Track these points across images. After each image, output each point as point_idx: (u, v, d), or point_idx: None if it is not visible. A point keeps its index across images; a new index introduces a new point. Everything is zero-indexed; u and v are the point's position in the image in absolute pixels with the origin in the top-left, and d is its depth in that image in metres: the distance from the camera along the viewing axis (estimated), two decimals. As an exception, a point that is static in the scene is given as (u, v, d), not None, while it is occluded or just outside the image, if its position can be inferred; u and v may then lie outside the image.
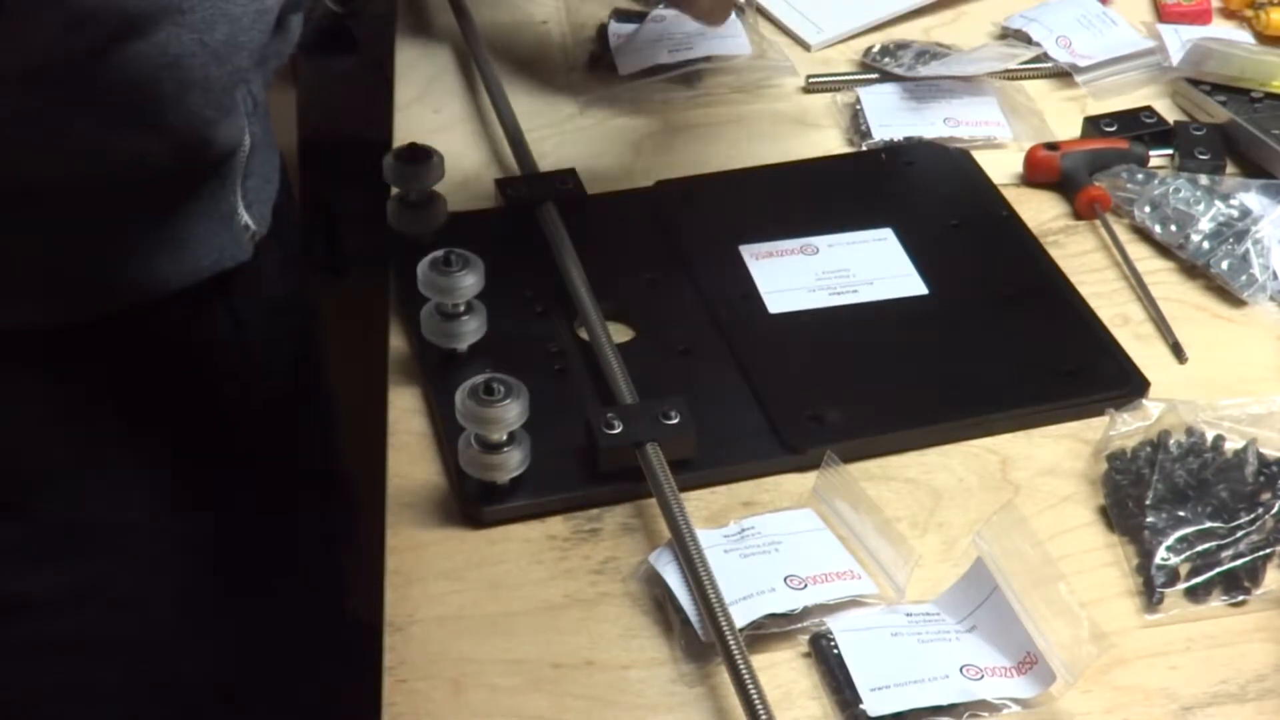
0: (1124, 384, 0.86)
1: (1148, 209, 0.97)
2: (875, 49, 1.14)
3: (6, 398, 0.84)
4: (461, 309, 0.85)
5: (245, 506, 0.97)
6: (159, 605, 0.93)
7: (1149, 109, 1.07)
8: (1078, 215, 1.00)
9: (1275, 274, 0.94)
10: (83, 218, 0.84)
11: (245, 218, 0.92)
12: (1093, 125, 1.05)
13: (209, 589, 0.95)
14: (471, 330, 0.85)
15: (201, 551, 0.94)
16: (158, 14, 0.77)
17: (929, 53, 1.13)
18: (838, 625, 0.72)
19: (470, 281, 0.83)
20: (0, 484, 0.86)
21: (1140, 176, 1.00)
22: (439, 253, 0.84)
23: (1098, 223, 0.99)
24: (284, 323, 1.03)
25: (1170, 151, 1.03)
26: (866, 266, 0.94)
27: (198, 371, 0.92)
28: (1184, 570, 0.76)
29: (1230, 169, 1.02)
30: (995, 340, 0.90)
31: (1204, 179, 0.99)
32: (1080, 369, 0.88)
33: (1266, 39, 1.16)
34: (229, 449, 0.95)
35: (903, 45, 1.14)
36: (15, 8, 0.74)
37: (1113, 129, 1.04)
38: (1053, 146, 1.03)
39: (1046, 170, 1.02)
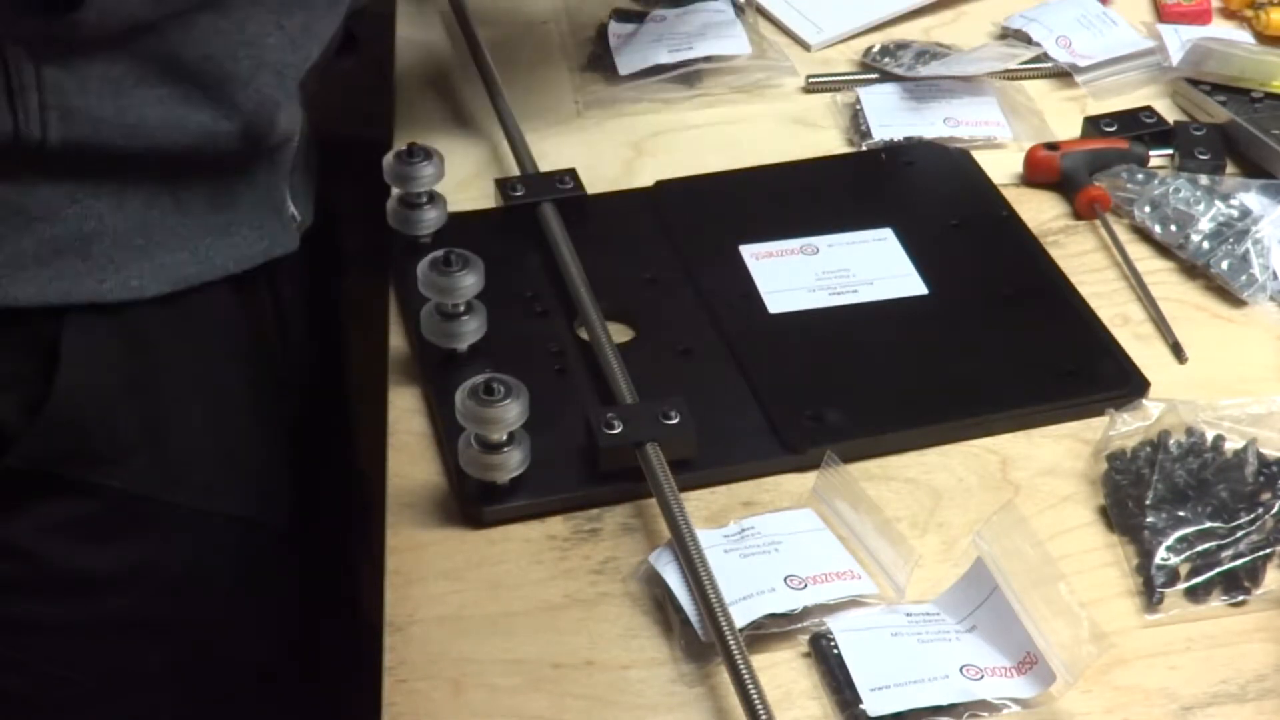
0: (1124, 384, 0.86)
1: (1148, 209, 0.97)
2: (875, 49, 1.15)
3: (80, 369, 0.85)
4: (461, 309, 0.85)
5: (288, 497, 0.97)
6: (211, 588, 0.93)
7: (1149, 109, 1.07)
8: (1078, 215, 1.00)
9: (1275, 274, 0.94)
10: (149, 193, 0.85)
11: (292, 208, 0.93)
12: (1093, 125, 1.05)
13: (253, 576, 0.96)
14: (471, 330, 0.85)
15: (246, 534, 0.94)
16: None
17: (929, 53, 1.13)
18: (838, 625, 0.72)
19: (470, 281, 0.83)
20: (71, 459, 0.86)
21: (1140, 176, 1.00)
22: (439, 253, 0.84)
23: (1098, 223, 0.99)
24: (318, 314, 1.04)
25: (1170, 151, 1.03)
26: (866, 266, 0.94)
27: (244, 356, 0.93)
28: (1184, 570, 0.76)
29: (1230, 169, 1.02)
30: (995, 340, 0.90)
31: (1204, 179, 0.99)
32: (1080, 369, 0.88)
33: (1266, 39, 1.16)
34: (270, 435, 0.96)
35: (902, 45, 1.14)
36: None
37: (1113, 129, 1.04)
38: (1053, 146, 1.03)
39: (1046, 170, 1.02)
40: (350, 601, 1.11)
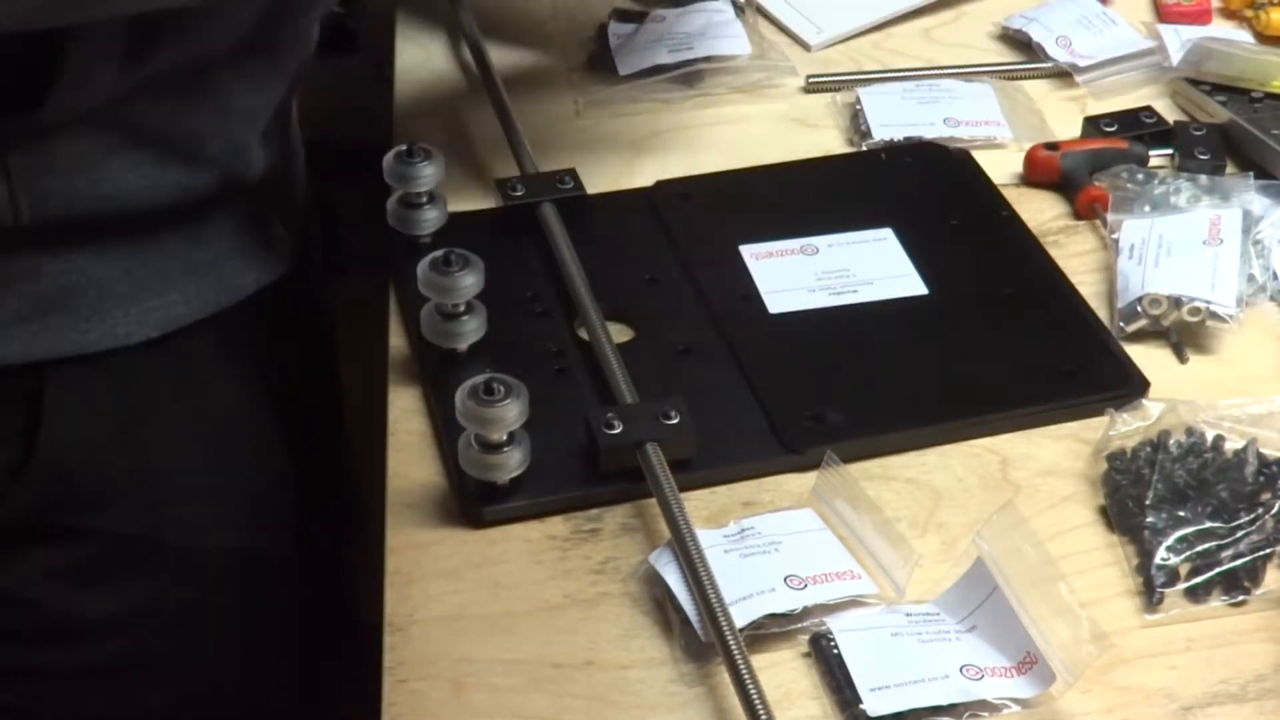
0: (1124, 384, 0.86)
1: (1148, 209, 0.97)
2: None
3: (65, 419, 0.84)
4: (461, 309, 0.85)
5: (289, 520, 0.97)
6: (213, 623, 0.93)
7: (1149, 109, 1.07)
8: (1078, 215, 1.00)
9: (1275, 274, 0.94)
10: (131, 244, 0.85)
11: (280, 228, 0.93)
12: (1093, 125, 1.05)
13: (255, 607, 0.95)
14: (471, 330, 0.85)
15: (245, 564, 0.94)
16: None
17: None
18: (838, 625, 0.72)
19: (470, 281, 0.83)
20: (60, 506, 0.86)
21: (1140, 176, 1.00)
22: (439, 253, 0.83)
23: (1098, 222, 0.99)
24: (313, 326, 1.03)
25: (1170, 151, 1.03)
26: (866, 266, 0.94)
27: (237, 386, 0.92)
28: (1184, 570, 0.76)
29: (1230, 169, 1.02)
30: (995, 340, 0.90)
31: (1204, 179, 0.99)
32: (1080, 369, 0.88)
33: (1266, 39, 1.16)
34: (267, 459, 0.95)
35: None
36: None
37: (1113, 129, 1.04)
38: (1053, 146, 1.03)
39: (1046, 170, 1.02)
40: (351, 611, 1.11)
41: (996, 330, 0.91)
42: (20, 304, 0.82)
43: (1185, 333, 0.90)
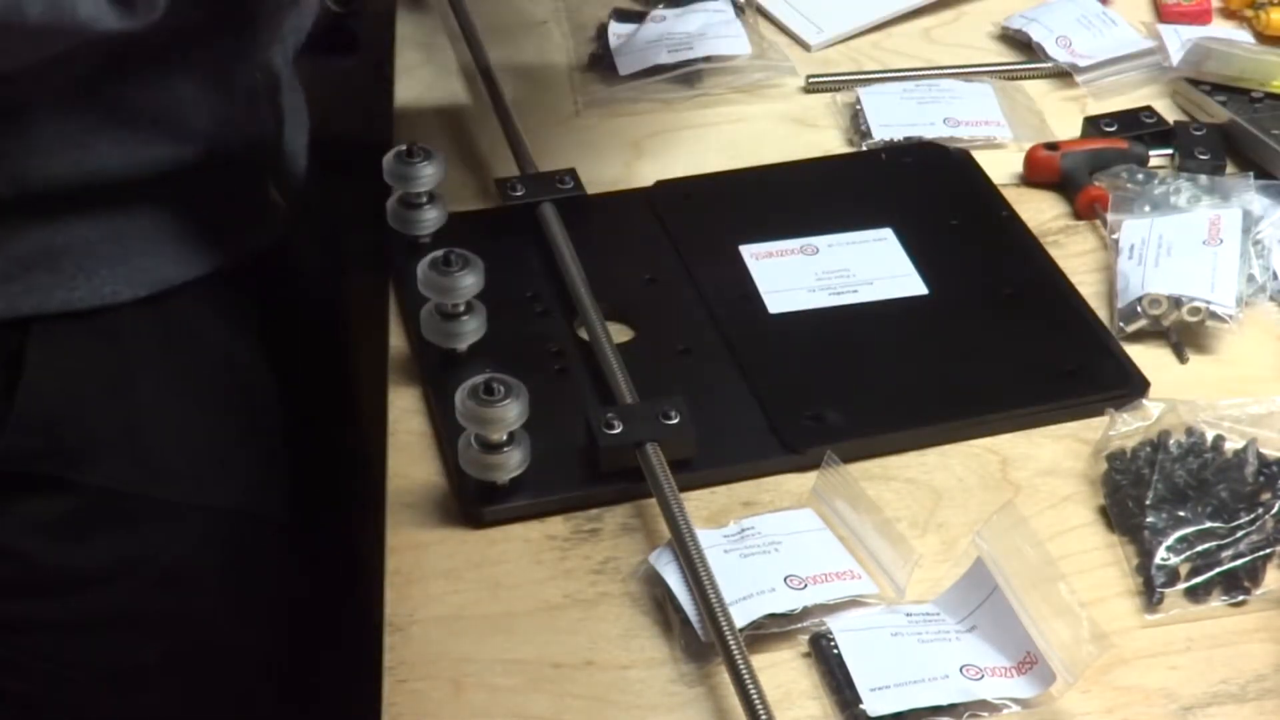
0: (1124, 384, 0.86)
1: (1147, 209, 0.97)
2: None
3: (48, 371, 0.84)
4: (461, 309, 0.85)
5: (282, 484, 0.97)
6: (204, 580, 0.93)
7: (1149, 109, 1.07)
8: (1078, 215, 1.00)
9: (1275, 274, 0.94)
10: (121, 206, 0.85)
11: (275, 195, 0.93)
12: (1093, 125, 1.05)
13: (244, 568, 0.96)
14: (471, 330, 0.85)
15: (236, 526, 0.94)
16: None
17: None
18: (838, 625, 0.72)
19: (470, 281, 0.83)
20: (44, 457, 0.86)
21: (1140, 176, 1.00)
22: (439, 253, 0.84)
23: (1098, 222, 0.99)
24: (314, 302, 1.03)
25: (1170, 151, 1.03)
26: (866, 266, 0.94)
27: (229, 350, 0.93)
28: (1184, 570, 0.76)
29: (1230, 169, 1.02)
30: (995, 340, 0.90)
31: (1204, 179, 0.99)
32: (1080, 369, 0.88)
33: (1266, 39, 1.16)
34: (262, 426, 0.95)
35: None
36: None
37: (1113, 129, 1.04)
38: (1053, 146, 1.03)
39: (1046, 170, 1.02)
40: (354, 592, 1.11)
41: (997, 330, 0.91)
42: (6, 265, 0.82)
43: (1185, 333, 0.90)
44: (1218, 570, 0.76)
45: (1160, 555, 0.76)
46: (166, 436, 0.90)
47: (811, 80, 1.12)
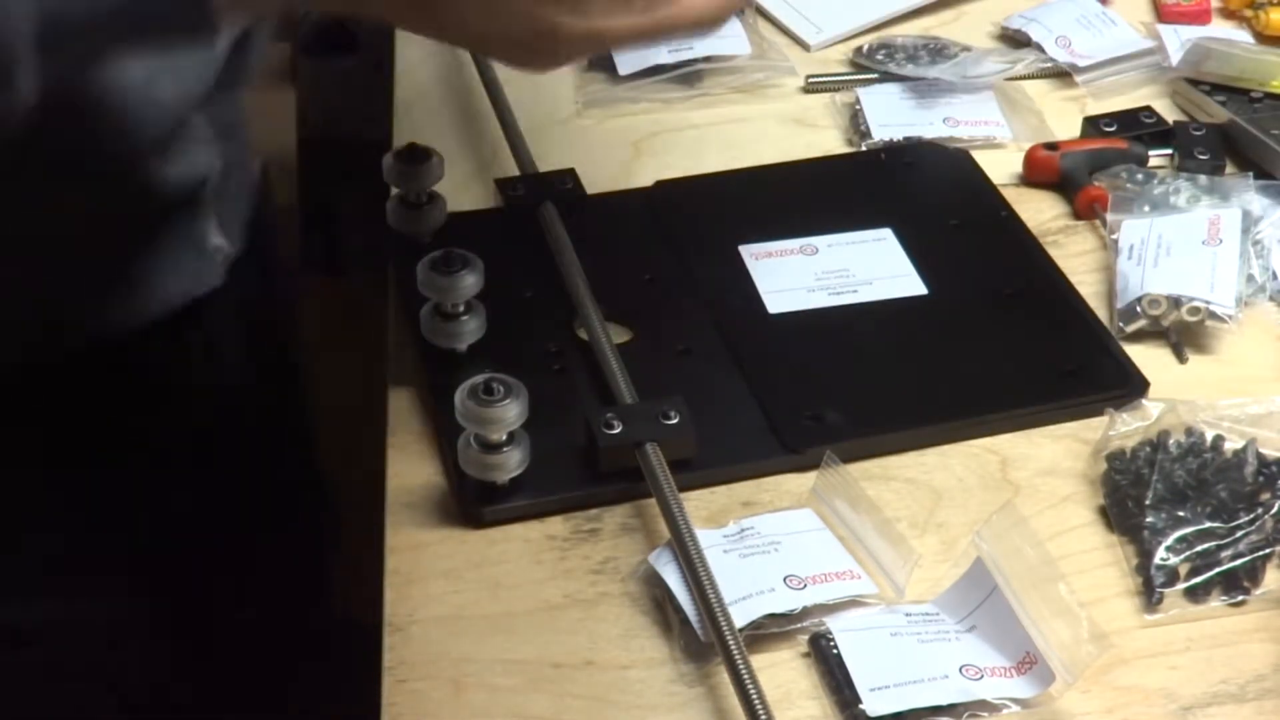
0: (1124, 384, 0.86)
1: (1147, 209, 0.97)
2: (865, 48, 1.15)
3: None
4: (461, 309, 0.85)
5: (228, 523, 0.96)
6: (146, 632, 0.93)
7: (1149, 109, 1.07)
8: (1077, 215, 1.00)
9: (1275, 274, 0.94)
10: (48, 256, 0.82)
11: (217, 239, 0.91)
12: (1092, 125, 1.05)
13: (196, 611, 0.95)
14: (471, 330, 0.85)
15: (188, 575, 0.94)
16: None
17: (928, 47, 1.13)
18: (837, 625, 0.72)
19: (470, 281, 0.83)
20: None
21: (1140, 176, 1.00)
22: (439, 253, 0.84)
23: (1097, 222, 0.99)
24: (259, 338, 1.02)
25: (1170, 151, 1.03)
26: (866, 266, 0.94)
27: (170, 399, 0.91)
28: (1184, 570, 0.76)
29: (1230, 169, 1.02)
30: (996, 340, 0.90)
31: (1203, 179, 0.99)
32: (1081, 369, 0.88)
33: (1266, 39, 1.15)
34: (208, 470, 0.95)
35: (887, 44, 1.15)
36: None
37: (1112, 129, 1.04)
38: (1052, 146, 1.03)
39: (1046, 170, 1.02)
40: (324, 604, 1.11)
41: (997, 330, 0.91)
42: None
43: (1185, 333, 0.90)
44: (1217, 570, 0.76)
45: (1160, 555, 0.76)
46: (101, 496, 0.88)
47: (811, 80, 1.12)
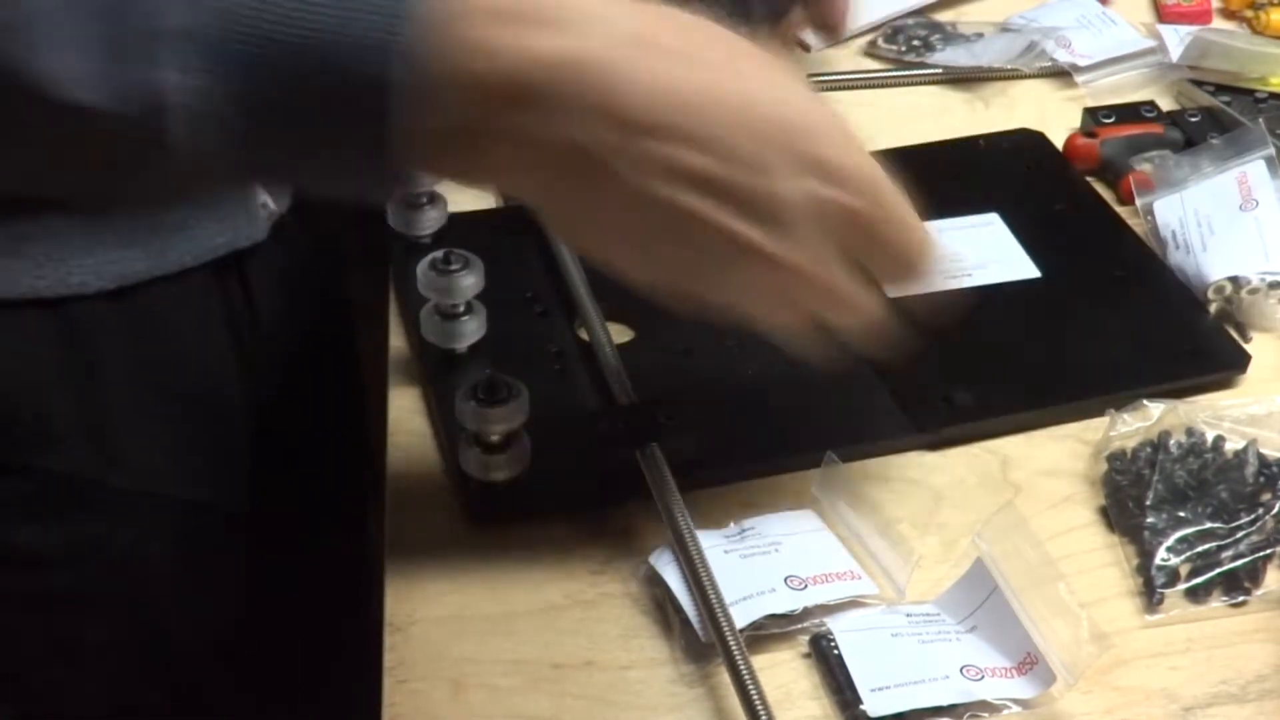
0: (1236, 363, 0.87)
1: (1175, 184, 0.97)
2: (878, 41, 1.15)
3: (9, 356, 0.84)
4: (461, 309, 0.85)
5: (243, 482, 0.96)
6: (154, 566, 0.93)
7: (1150, 103, 1.07)
8: (1121, 200, 1.01)
9: None
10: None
11: (264, 196, 0.92)
12: (1091, 117, 1.05)
13: (206, 557, 0.95)
14: (471, 330, 0.85)
15: (199, 521, 0.94)
16: None
17: (939, 33, 1.14)
18: (838, 626, 0.72)
19: (470, 281, 0.83)
20: (3, 441, 0.86)
21: (1173, 162, 1.00)
22: (439, 253, 0.84)
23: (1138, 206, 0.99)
24: (303, 302, 1.03)
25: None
26: (978, 251, 0.94)
27: (202, 345, 0.92)
28: (1184, 571, 0.76)
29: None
30: (1112, 321, 0.90)
31: (1217, 141, 0.99)
32: (1197, 349, 0.88)
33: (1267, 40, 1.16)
34: (235, 423, 0.95)
35: (900, 29, 1.16)
36: None
37: (1110, 120, 1.05)
38: (1090, 134, 1.04)
39: (1086, 157, 1.03)
40: (356, 592, 1.10)
41: (1112, 311, 0.91)
42: None
43: (1246, 311, 0.91)
44: (1218, 571, 0.76)
45: (1160, 556, 0.76)
46: (127, 428, 0.89)
47: (811, 80, 1.12)
